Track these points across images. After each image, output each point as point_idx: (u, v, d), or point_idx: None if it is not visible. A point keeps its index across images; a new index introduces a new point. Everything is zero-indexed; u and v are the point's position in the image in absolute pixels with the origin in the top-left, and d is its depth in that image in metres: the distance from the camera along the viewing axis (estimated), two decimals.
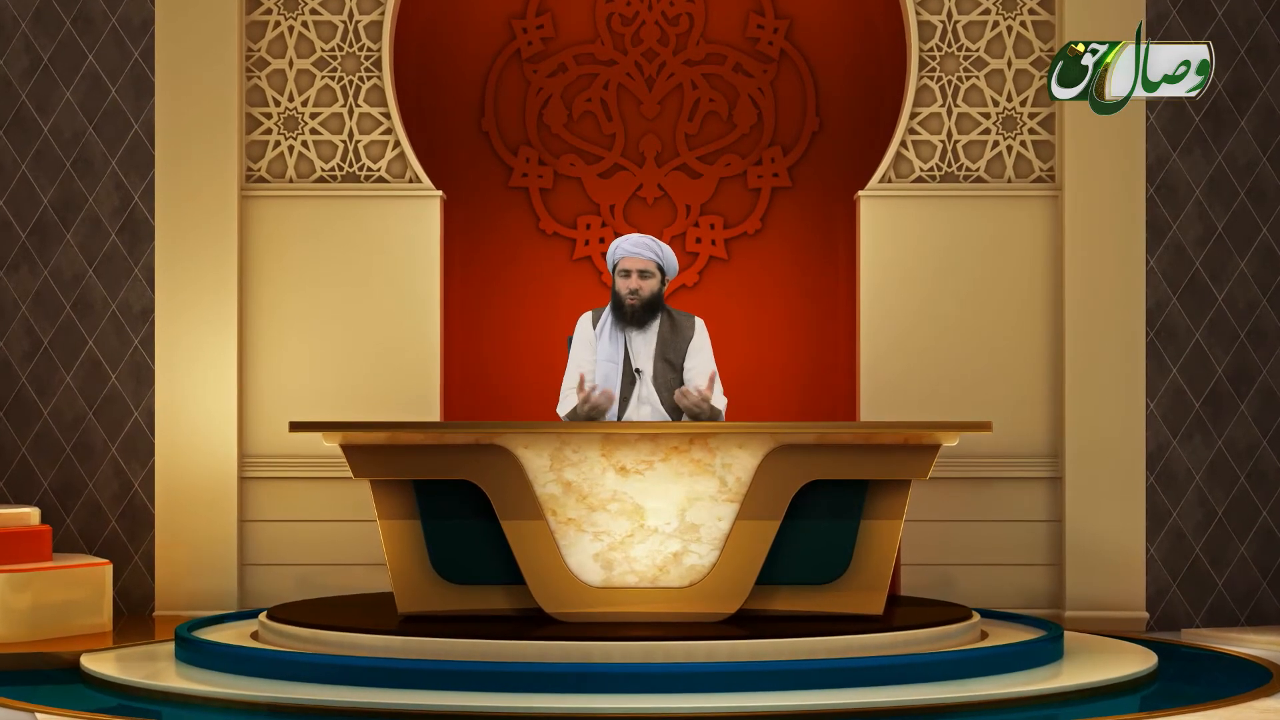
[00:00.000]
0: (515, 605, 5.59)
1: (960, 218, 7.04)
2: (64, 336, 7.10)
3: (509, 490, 5.50)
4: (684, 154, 7.64)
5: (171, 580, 6.93)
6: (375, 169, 7.07)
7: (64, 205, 7.10)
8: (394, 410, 6.90)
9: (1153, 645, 6.12)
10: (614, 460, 5.52)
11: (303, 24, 7.09)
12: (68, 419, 7.09)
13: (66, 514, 7.07)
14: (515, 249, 7.63)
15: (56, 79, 7.10)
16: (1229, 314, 7.09)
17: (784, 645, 5.10)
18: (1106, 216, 6.97)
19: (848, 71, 7.59)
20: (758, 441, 5.52)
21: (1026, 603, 6.92)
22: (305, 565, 6.96)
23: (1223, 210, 7.10)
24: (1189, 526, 7.07)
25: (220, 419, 6.94)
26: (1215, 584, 7.08)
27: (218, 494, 6.93)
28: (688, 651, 5.04)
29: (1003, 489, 6.98)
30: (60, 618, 6.41)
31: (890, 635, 5.31)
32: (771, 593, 5.60)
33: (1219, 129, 7.09)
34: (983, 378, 7.00)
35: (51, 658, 5.87)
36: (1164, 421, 7.05)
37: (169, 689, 5.09)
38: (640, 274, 6.04)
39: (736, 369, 7.02)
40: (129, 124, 7.09)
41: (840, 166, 7.57)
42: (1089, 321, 6.95)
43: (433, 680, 4.91)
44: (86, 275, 7.10)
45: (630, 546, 5.53)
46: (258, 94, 7.09)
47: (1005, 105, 7.07)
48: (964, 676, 5.13)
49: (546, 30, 7.63)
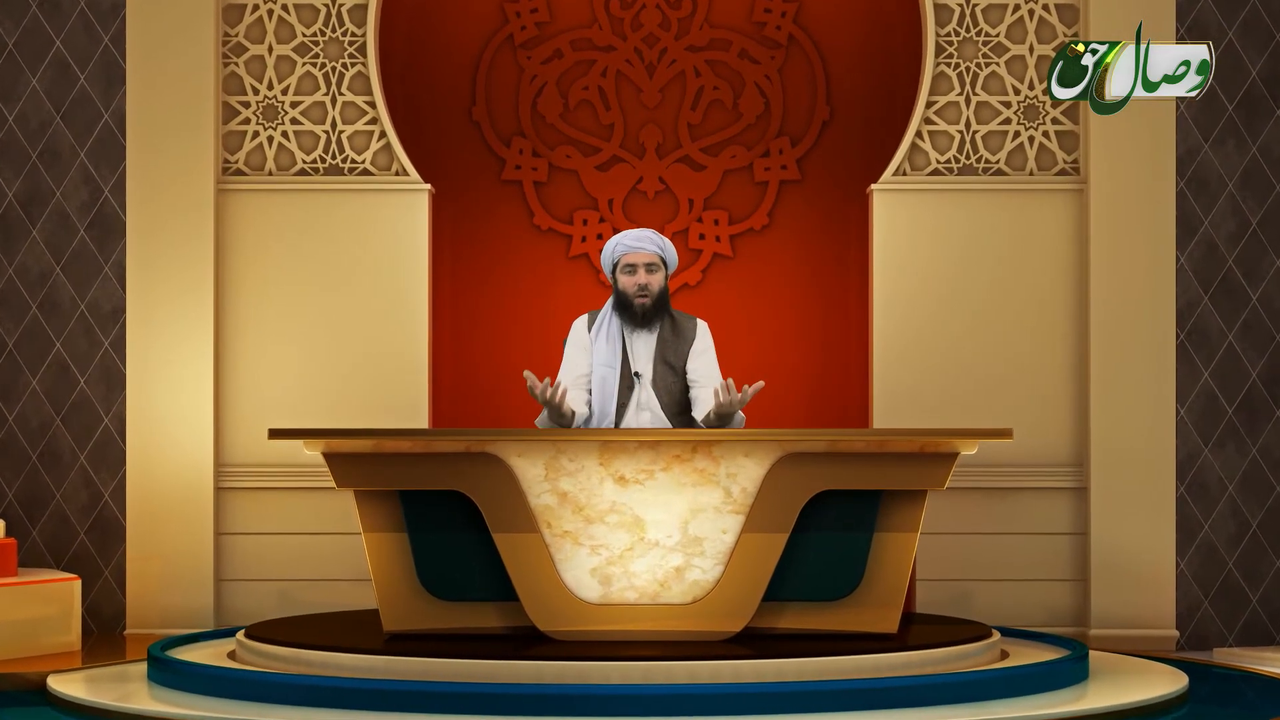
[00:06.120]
0: (508, 623, 5.59)
1: (979, 213, 7.04)
2: (30, 338, 7.11)
3: (501, 501, 5.50)
4: (687, 145, 7.65)
5: (144, 596, 6.93)
6: (360, 161, 7.08)
7: (30, 199, 7.11)
8: (380, 416, 6.90)
9: (1183, 665, 6.12)
10: (612, 469, 5.52)
11: (283, 7, 7.10)
12: (34, 425, 7.10)
13: (32, 526, 7.08)
14: (508, 246, 7.64)
15: (22, 65, 7.11)
16: (1264, 314, 7.10)
17: (792, 665, 5.10)
18: (1134, 211, 6.98)
19: (860, 58, 7.59)
20: (764, 450, 5.52)
21: (1049, 620, 6.92)
22: (285, 580, 6.96)
23: (1257, 205, 7.10)
24: (1221, 540, 7.07)
25: (195, 425, 6.94)
26: (1249, 600, 7.08)
27: (193, 505, 6.93)
28: (690, 672, 5.04)
29: (1024, 500, 6.99)
30: (26, 636, 6.41)
31: (905, 655, 5.31)
32: (779, 610, 5.60)
33: (1253, 119, 7.10)
34: (1003, 382, 7.01)
35: (16, 678, 5.87)
36: (1195, 428, 7.06)
37: (141, 712, 5.09)
38: (647, 268, 6.03)
39: (742, 372, 7.00)
40: (99, 113, 7.10)
41: (852, 159, 7.57)
42: (1116, 322, 6.96)
43: (420, 702, 4.91)
44: (54, 273, 7.10)
45: (630, 561, 5.54)
46: (235, 82, 7.09)
47: (1027, 93, 7.07)
48: (983, 698, 5.13)
49: (541, 14, 7.64)
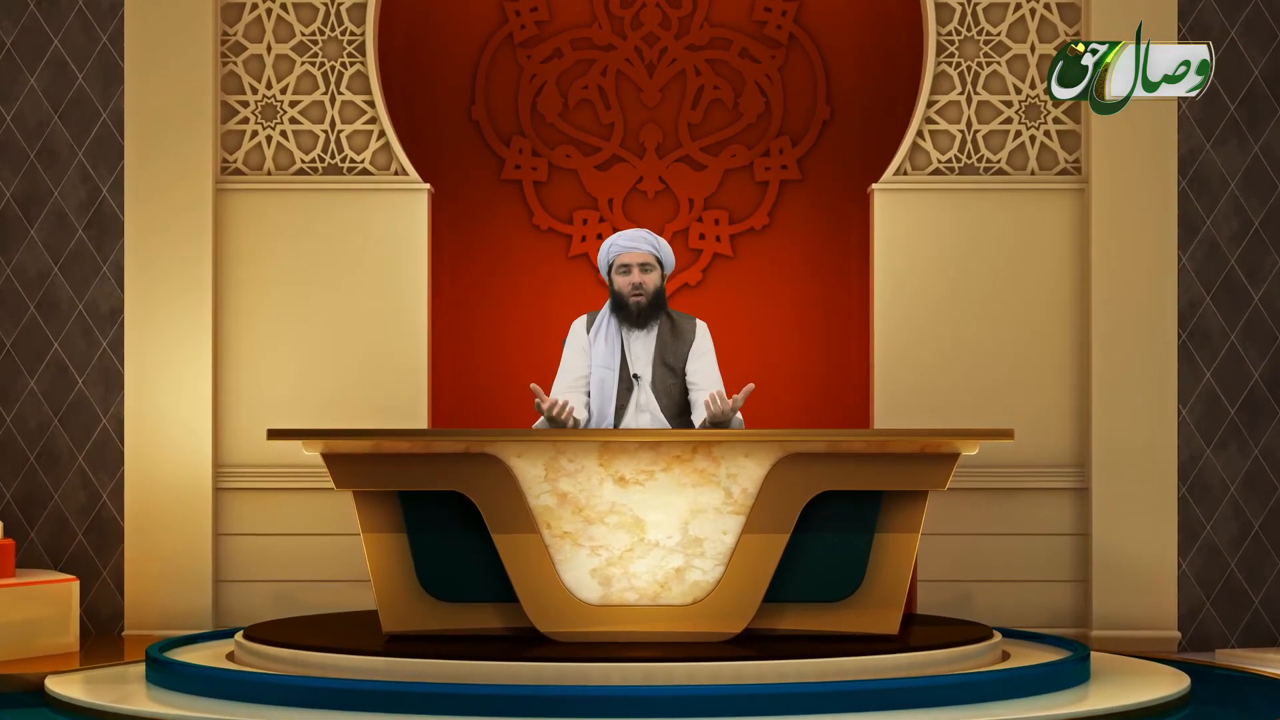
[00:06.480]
0: (507, 624, 5.59)
1: (980, 212, 7.04)
2: (27, 338, 7.11)
3: (501, 502, 5.50)
4: (687, 145, 7.65)
5: (142, 597, 6.94)
6: (359, 160, 7.08)
7: (28, 199, 7.11)
8: (379, 417, 6.90)
9: (1185, 667, 6.12)
10: (612, 470, 5.52)
11: (281, 6, 7.10)
12: (31, 426, 7.10)
13: (30, 527, 7.08)
14: (507, 245, 7.64)
15: (20, 65, 7.11)
16: (1266, 315, 7.10)
17: (792, 667, 5.11)
18: (1136, 211, 6.98)
19: (861, 57, 7.60)
20: (765, 450, 5.53)
21: (1050, 621, 6.93)
22: (284, 582, 6.96)
23: (1259, 204, 7.11)
24: (1223, 541, 7.07)
25: (194, 426, 6.94)
26: (1251, 602, 7.08)
27: (191, 506, 6.94)
28: (690, 673, 5.04)
29: (1025, 500, 6.99)
30: (24, 637, 6.41)
31: (906, 656, 5.31)
32: (779, 611, 5.60)
33: (1255, 118, 7.10)
34: (1004, 382, 7.01)
35: (14, 680, 5.87)
36: (1197, 429, 7.06)
37: (139, 713, 5.09)
38: (641, 268, 6.05)
39: (742, 372, 7.01)
40: (97, 113, 7.10)
41: (853, 158, 7.58)
42: (1117, 322, 6.96)
43: (420, 704, 4.92)
44: (52, 273, 7.11)
45: (630, 562, 5.54)
46: (234, 81, 7.10)
47: (1028, 93, 7.08)
48: (984, 700, 5.13)
49: (541, 13, 7.64)
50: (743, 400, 5.72)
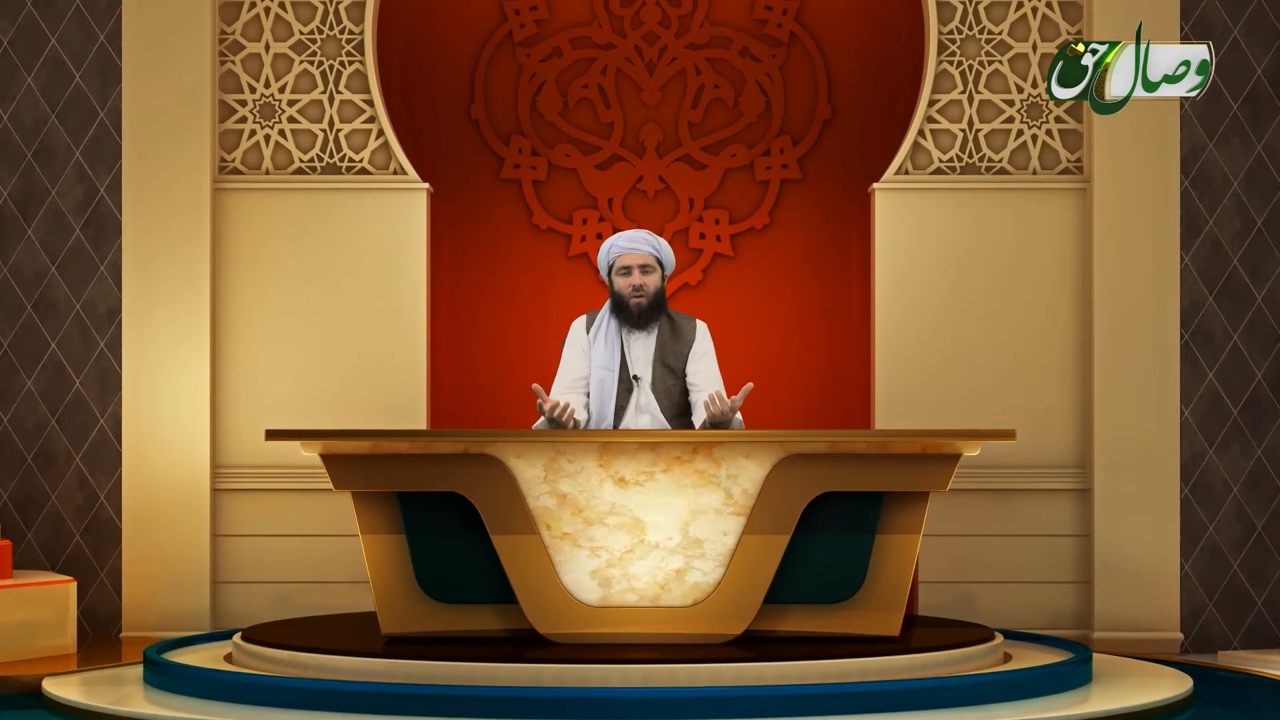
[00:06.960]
0: (507, 625, 5.60)
1: (982, 212, 7.04)
2: (24, 338, 7.11)
3: (500, 503, 5.50)
4: (687, 144, 7.65)
5: (140, 599, 6.94)
6: (357, 160, 7.08)
7: (25, 198, 7.11)
8: (377, 417, 6.91)
9: (1187, 669, 6.12)
10: (612, 471, 5.52)
11: (280, 5, 7.10)
12: (28, 426, 7.10)
13: (27, 528, 7.08)
14: (507, 245, 7.64)
15: (17, 63, 7.11)
16: (1269, 314, 7.10)
17: (793, 668, 5.11)
18: (1138, 210, 6.98)
19: (862, 56, 7.60)
20: (765, 451, 5.53)
21: (1052, 623, 6.93)
22: (282, 583, 6.96)
23: (1262, 204, 7.11)
24: (1226, 541, 7.07)
25: (192, 426, 6.94)
26: (1254, 603, 7.08)
27: (189, 507, 6.93)
28: (691, 675, 5.04)
29: (1027, 501, 6.99)
30: (21, 639, 6.41)
31: (907, 658, 5.31)
32: (780, 612, 5.60)
33: (1258, 117, 7.10)
34: (1006, 382, 7.01)
35: (12, 682, 5.87)
36: (1199, 429, 7.06)
37: (137, 715, 5.09)
38: (641, 269, 6.05)
39: (742, 373, 7.01)
40: (94, 112, 7.10)
41: (854, 157, 7.58)
42: (1119, 322, 6.96)
43: (419, 705, 4.92)
44: (49, 273, 7.10)
45: (629, 563, 5.54)
46: (232, 80, 7.10)
47: (1030, 92, 7.08)
48: (986, 701, 5.13)
49: (540, 12, 7.65)
50: (742, 400, 5.73)
